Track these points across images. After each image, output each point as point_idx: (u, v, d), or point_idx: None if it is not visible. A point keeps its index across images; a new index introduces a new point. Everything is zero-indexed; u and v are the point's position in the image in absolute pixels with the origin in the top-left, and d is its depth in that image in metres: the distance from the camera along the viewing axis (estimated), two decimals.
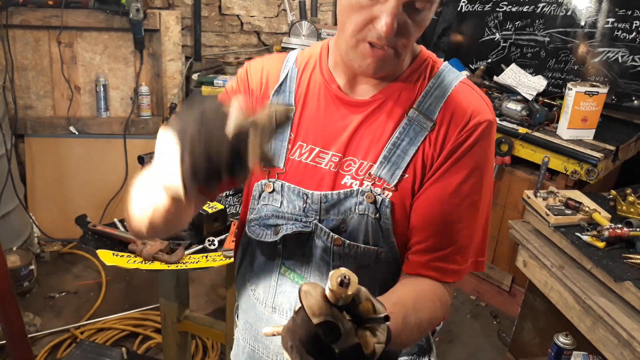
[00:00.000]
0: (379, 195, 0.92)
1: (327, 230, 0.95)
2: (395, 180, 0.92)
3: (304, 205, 0.96)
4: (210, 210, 1.77)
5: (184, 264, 1.64)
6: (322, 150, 0.96)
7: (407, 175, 0.92)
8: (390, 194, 0.92)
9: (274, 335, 0.71)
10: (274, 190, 0.99)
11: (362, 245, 0.94)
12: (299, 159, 0.97)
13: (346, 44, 0.89)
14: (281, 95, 1.00)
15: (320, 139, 0.97)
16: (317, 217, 0.96)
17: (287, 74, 1.01)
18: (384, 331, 0.65)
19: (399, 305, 0.82)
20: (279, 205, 0.98)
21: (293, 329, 0.62)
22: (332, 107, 0.97)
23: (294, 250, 0.99)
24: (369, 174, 0.93)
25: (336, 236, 0.94)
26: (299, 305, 0.61)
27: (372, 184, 0.93)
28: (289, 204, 0.97)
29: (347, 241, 0.94)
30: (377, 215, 0.93)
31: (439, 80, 0.95)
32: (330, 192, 0.95)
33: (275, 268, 1.02)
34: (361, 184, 0.93)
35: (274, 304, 1.03)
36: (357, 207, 0.93)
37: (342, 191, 0.94)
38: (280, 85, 1.00)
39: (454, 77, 0.96)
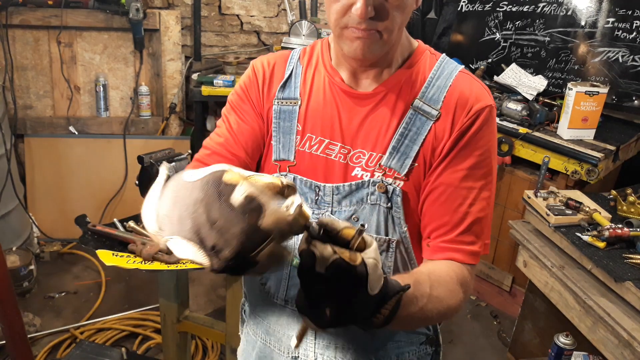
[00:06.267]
0: (390, 185, 0.94)
1: None
2: (406, 170, 0.94)
3: (317, 198, 0.98)
4: None
5: (183, 264, 1.63)
6: (331, 142, 0.98)
7: (416, 164, 0.94)
8: (402, 183, 0.95)
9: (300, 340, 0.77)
10: None
11: (374, 235, 0.96)
12: (309, 151, 0.99)
13: (335, 36, 0.92)
14: (286, 91, 1.02)
15: (328, 131, 0.98)
16: (330, 209, 0.98)
17: (292, 70, 1.03)
18: (374, 250, 0.67)
19: (409, 275, 0.84)
20: None
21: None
22: (337, 100, 0.99)
23: None
24: (379, 165, 0.95)
25: None
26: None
27: (382, 175, 0.95)
28: (300, 197, 0.99)
29: None
30: (389, 204, 0.95)
31: (440, 70, 0.97)
32: (342, 184, 0.97)
33: (287, 261, 1.03)
34: (372, 175, 0.96)
35: (286, 297, 1.04)
36: (369, 197, 0.96)
37: (353, 182, 0.96)
38: (286, 81, 1.02)
39: (454, 67, 0.99)
